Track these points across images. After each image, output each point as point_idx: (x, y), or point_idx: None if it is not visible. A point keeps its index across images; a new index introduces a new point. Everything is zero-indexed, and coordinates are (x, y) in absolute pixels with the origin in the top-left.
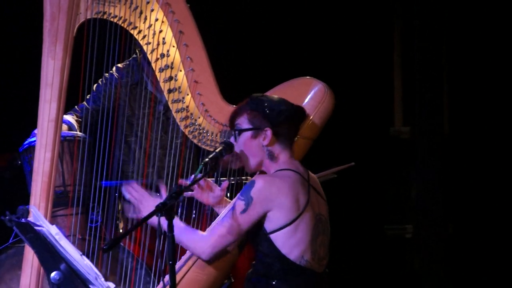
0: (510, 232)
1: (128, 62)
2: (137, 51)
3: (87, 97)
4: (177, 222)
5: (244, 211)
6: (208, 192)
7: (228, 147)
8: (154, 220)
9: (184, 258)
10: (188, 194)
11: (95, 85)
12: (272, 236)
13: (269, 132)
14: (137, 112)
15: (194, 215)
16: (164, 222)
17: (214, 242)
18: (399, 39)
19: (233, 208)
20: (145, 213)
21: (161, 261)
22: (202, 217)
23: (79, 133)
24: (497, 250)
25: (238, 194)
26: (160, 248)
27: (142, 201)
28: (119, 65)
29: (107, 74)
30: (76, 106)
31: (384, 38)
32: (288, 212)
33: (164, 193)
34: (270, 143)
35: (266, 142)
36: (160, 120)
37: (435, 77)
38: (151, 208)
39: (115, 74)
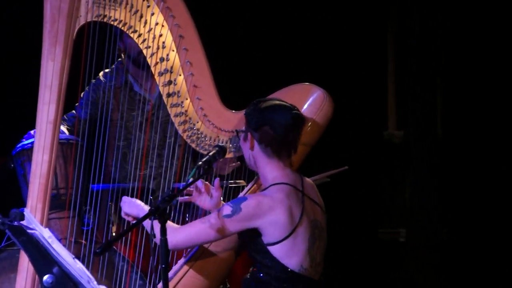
0: (505, 236)
1: (114, 66)
2: (122, 55)
3: (76, 105)
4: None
5: (228, 216)
6: (205, 195)
7: (222, 150)
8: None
9: (180, 262)
10: (185, 199)
11: (82, 93)
12: (270, 248)
13: (249, 136)
14: (125, 115)
15: (187, 219)
16: (156, 225)
17: (187, 236)
18: (393, 43)
19: (219, 210)
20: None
21: (155, 266)
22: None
23: (72, 136)
24: (491, 254)
25: (229, 201)
26: (155, 253)
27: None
28: (106, 70)
29: (94, 80)
30: (65, 115)
31: (378, 42)
32: (283, 228)
33: None
34: (255, 151)
35: (249, 145)
36: (148, 120)
37: (429, 81)
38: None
39: (102, 79)
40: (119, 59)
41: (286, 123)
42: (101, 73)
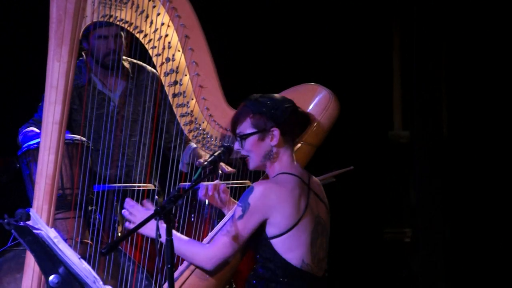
0: (509, 236)
1: (76, 65)
2: (83, 54)
3: (39, 105)
4: (177, 234)
5: (241, 217)
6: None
7: (227, 150)
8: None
9: (186, 262)
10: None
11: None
12: (273, 241)
13: (276, 132)
14: (89, 114)
15: (193, 219)
16: (162, 226)
17: (217, 252)
18: (398, 43)
19: (233, 215)
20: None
21: (161, 267)
22: (201, 220)
23: (77, 137)
24: (495, 254)
25: (238, 202)
26: (160, 253)
27: (134, 212)
28: None
29: None
30: (33, 119)
31: (383, 43)
32: (288, 218)
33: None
34: (278, 143)
35: (275, 142)
36: (115, 119)
37: (434, 81)
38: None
39: None
40: (81, 58)
41: (294, 108)
42: None
